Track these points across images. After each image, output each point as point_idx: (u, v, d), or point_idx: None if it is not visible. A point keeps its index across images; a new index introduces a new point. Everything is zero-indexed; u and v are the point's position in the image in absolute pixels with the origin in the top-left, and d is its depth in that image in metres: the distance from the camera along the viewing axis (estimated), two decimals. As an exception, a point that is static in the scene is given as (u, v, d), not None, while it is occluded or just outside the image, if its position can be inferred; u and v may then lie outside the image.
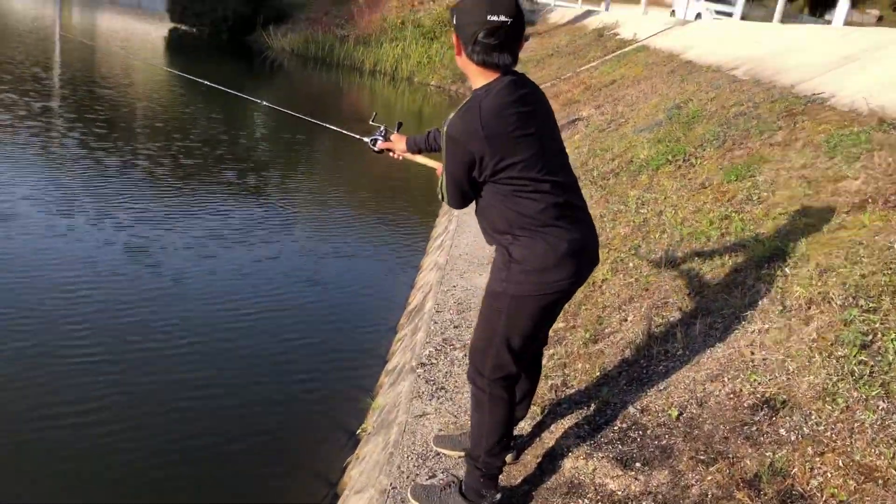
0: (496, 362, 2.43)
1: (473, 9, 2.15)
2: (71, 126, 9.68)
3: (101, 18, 29.61)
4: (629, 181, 5.86)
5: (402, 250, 7.22)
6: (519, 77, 2.29)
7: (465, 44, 2.19)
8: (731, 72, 8.12)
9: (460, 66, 2.31)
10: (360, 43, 24.21)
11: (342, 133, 3.55)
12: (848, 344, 2.55)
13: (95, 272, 5.60)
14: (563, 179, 2.35)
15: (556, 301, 2.42)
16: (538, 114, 2.30)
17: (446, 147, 2.24)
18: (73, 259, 5.77)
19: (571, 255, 2.33)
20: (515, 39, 2.19)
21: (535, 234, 2.29)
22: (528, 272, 2.31)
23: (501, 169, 2.20)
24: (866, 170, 3.89)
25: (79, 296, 5.20)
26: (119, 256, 5.89)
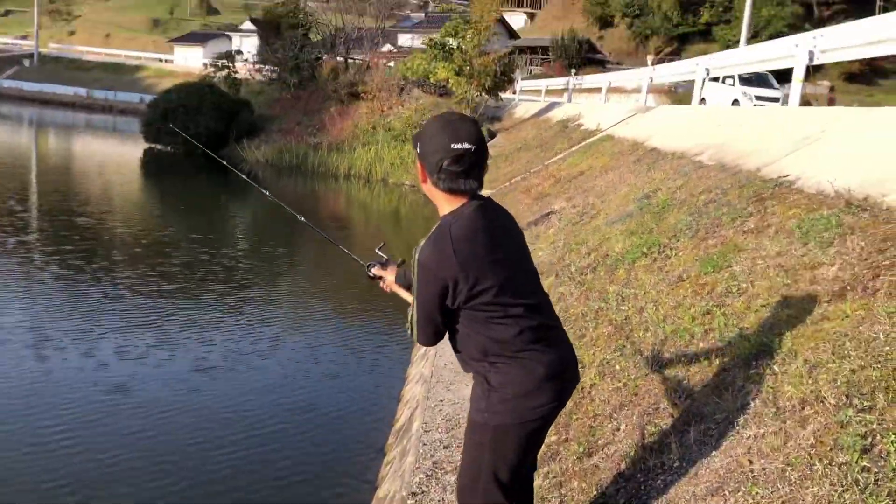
0: (486, 500, 2.33)
1: (436, 138, 2.17)
2: (48, 259, 9.62)
3: (77, 143, 30.04)
4: (607, 276, 5.85)
5: (387, 361, 7.11)
6: (486, 201, 2.31)
7: (431, 172, 2.20)
8: (695, 157, 8.28)
9: (426, 192, 2.32)
10: (333, 149, 24.69)
11: (345, 252, 3.52)
12: (848, 449, 2.46)
13: (76, 409, 5.44)
14: (536, 301, 2.33)
15: (540, 427, 2.36)
16: (508, 237, 2.31)
17: (418, 275, 2.21)
18: (54, 398, 5.61)
19: (551, 378, 2.28)
20: (480, 165, 2.21)
21: (512, 359, 2.25)
22: (507, 400, 2.25)
23: (475, 295, 2.17)
24: (841, 255, 3.89)
25: (58, 437, 5.02)
26: (99, 391, 5.74)
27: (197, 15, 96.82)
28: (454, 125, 2.19)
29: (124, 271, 9.37)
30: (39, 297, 7.98)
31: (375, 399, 6.10)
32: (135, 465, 4.73)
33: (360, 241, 14.41)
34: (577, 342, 4.92)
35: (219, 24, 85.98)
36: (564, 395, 2.37)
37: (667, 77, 17.29)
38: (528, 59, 59.94)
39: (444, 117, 2.26)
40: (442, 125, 2.21)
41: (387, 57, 34.92)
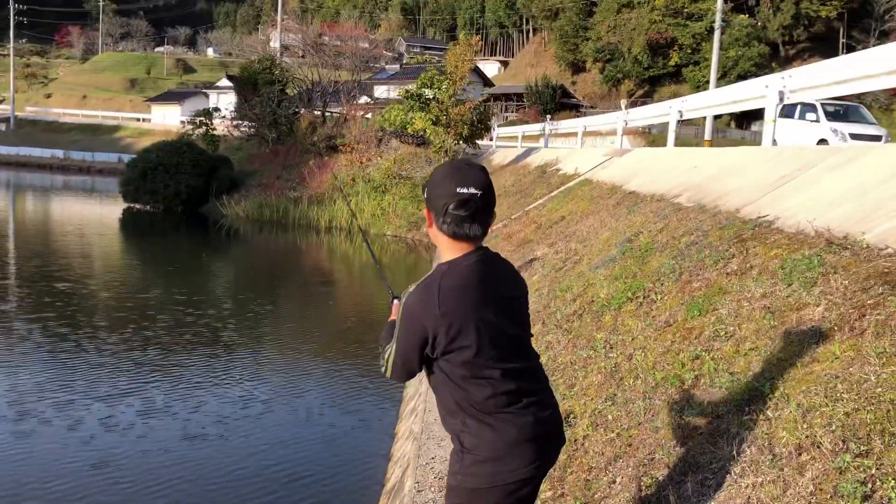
0: None
1: (443, 182, 2.17)
2: (29, 327, 9.46)
3: (55, 204, 29.88)
4: (594, 323, 5.83)
5: (375, 417, 7.01)
6: (488, 254, 2.28)
7: (437, 216, 2.18)
8: (674, 199, 8.35)
9: (431, 237, 2.30)
10: (313, 202, 24.75)
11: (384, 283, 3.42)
12: (848, 496, 2.43)
13: (60, 486, 5.29)
14: (517, 366, 2.27)
15: (520, 489, 2.26)
16: (501, 297, 2.25)
17: (402, 318, 2.19)
18: (39, 473, 5.47)
19: (525, 441, 2.22)
20: (486, 211, 2.19)
21: (482, 422, 2.21)
22: (480, 462, 2.20)
23: (452, 350, 2.14)
24: (825, 295, 3.91)
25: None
26: (84, 465, 5.59)
27: (173, 74, 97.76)
28: (461, 170, 2.18)
29: (108, 337, 9.22)
30: (20, 366, 7.82)
31: (365, 458, 5.99)
32: None
33: (344, 293, 14.34)
34: (567, 392, 4.88)
35: (195, 81, 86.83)
36: (545, 457, 2.31)
37: (640, 120, 17.56)
38: (504, 106, 60.89)
39: (453, 163, 2.27)
40: (450, 171, 2.21)
41: (364, 109, 35.29)
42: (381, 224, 23.25)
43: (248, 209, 25.39)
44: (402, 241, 21.85)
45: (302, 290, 14.30)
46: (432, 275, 2.22)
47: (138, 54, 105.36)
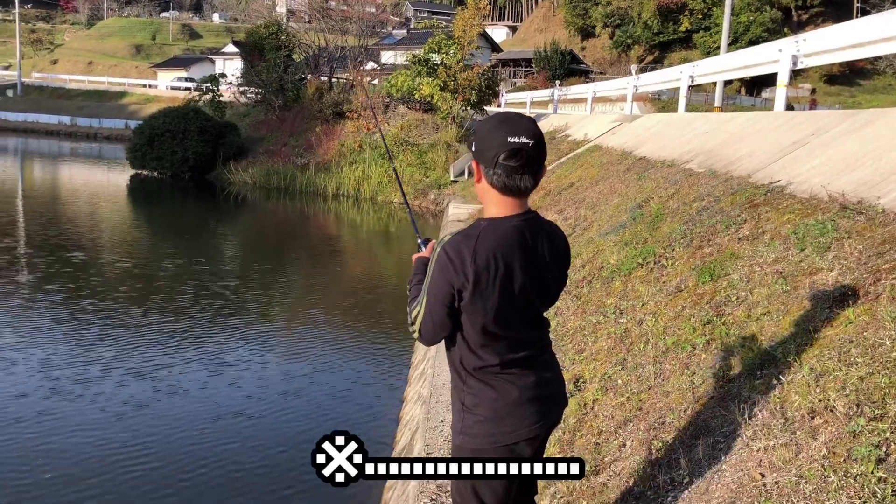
0: None
1: (494, 132, 2.07)
2: (39, 293, 9.49)
3: (63, 171, 29.87)
4: (603, 289, 5.81)
5: (384, 381, 7.04)
6: (534, 222, 2.20)
7: (486, 168, 2.10)
8: (685, 165, 8.27)
9: (479, 193, 2.21)
10: (320, 169, 24.67)
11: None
12: (862, 459, 2.42)
13: (76, 427, 5.38)
14: (530, 335, 2.25)
15: (522, 450, 2.26)
16: (536, 270, 2.17)
17: (436, 265, 2.11)
18: (55, 414, 5.56)
19: (527, 401, 2.22)
20: (537, 162, 2.10)
21: (484, 382, 2.19)
22: (481, 422, 2.20)
23: (470, 311, 2.11)
24: (839, 260, 3.87)
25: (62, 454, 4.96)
26: (98, 408, 5.65)
27: (179, 39, 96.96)
28: (512, 120, 2.09)
29: (118, 302, 9.26)
30: (33, 332, 7.86)
31: (374, 421, 6.03)
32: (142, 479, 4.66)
33: (352, 259, 14.35)
34: (576, 356, 4.88)
35: (201, 47, 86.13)
36: (547, 417, 2.29)
37: (651, 85, 17.37)
38: (512, 72, 60.27)
39: (502, 113, 2.17)
40: (500, 120, 2.11)
41: (371, 75, 34.98)
42: (387, 191, 23.19)
43: (255, 176, 25.34)
44: (410, 207, 21.81)
45: (310, 257, 14.31)
46: (472, 227, 2.13)
47: (143, 20, 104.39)
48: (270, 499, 4.69)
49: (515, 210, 2.14)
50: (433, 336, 2.21)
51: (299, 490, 4.86)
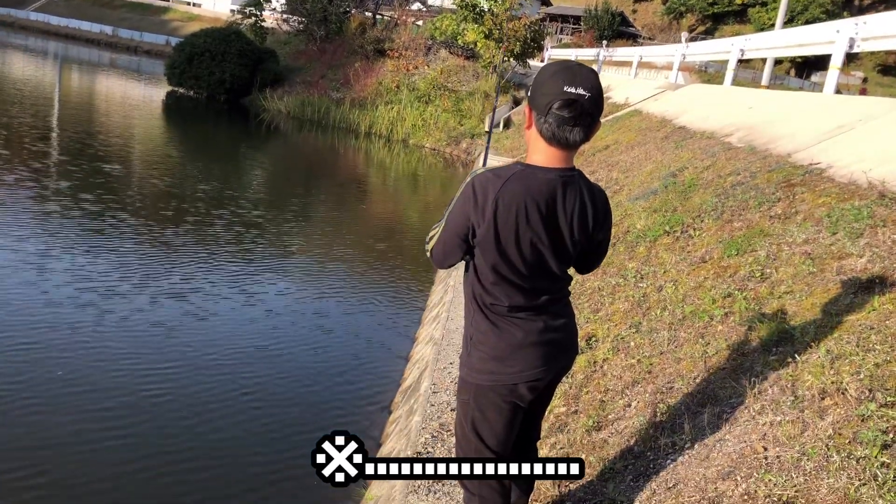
0: (477, 460, 2.32)
1: (551, 79, 2.00)
2: (66, 203, 9.60)
3: (100, 81, 29.96)
4: (626, 253, 5.78)
5: (397, 319, 7.09)
6: (573, 180, 2.12)
7: (538, 115, 2.03)
8: (725, 139, 8.13)
9: (527, 138, 2.15)
10: (355, 106, 24.52)
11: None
12: (868, 443, 2.41)
13: (92, 327, 5.52)
14: (544, 285, 2.21)
15: (524, 393, 2.26)
16: (551, 223, 2.10)
17: (461, 195, 2.10)
18: (64, 307, 5.69)
19: (531, 345, 2.21)
20: (591, 116, 2.03)
21: (490, 322, 2.21)
22: (484, 359, 2.22)
23: (485, 249, 2.09)
24: (871, 247, 3.80)
25: (78, 346, 5.08)
26: (109, 314, 5.76)
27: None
28: (572, 69, 2.01)
29: (148, 219, 9.34)
30: (67, 241, 7.97)
31: (384, 358, 6.10)
32: (152, 396, 4.76)
33: (378, 199, 14.37)
34: (591, 315, 4.88)
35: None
36: (552, 363, 2.27)
37: (699, 55, 16.97)
38: (559, 28, 59.15)
39: (564, 62, 2.08)
40: (559, 68, 2.03)
41: (416, 15, 34.48)
42: (420, 135, 23.04)
43: (289, 105, 25.26)
44: (440, 154, 21.68)
45: (337, 193, 14.33)
46: (507, 168, 2.08)
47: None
48: (271, 426, 4.78)
49: (559, 163, 2.08)
50: (442, 260, 2.23)
51: (312, 420, 4.95)
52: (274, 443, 4.54)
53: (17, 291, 6.09)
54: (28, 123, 14.78)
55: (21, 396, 4.60)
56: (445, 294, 6.62)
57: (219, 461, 4.26)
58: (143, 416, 4.57)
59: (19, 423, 4.32)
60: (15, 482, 3.82)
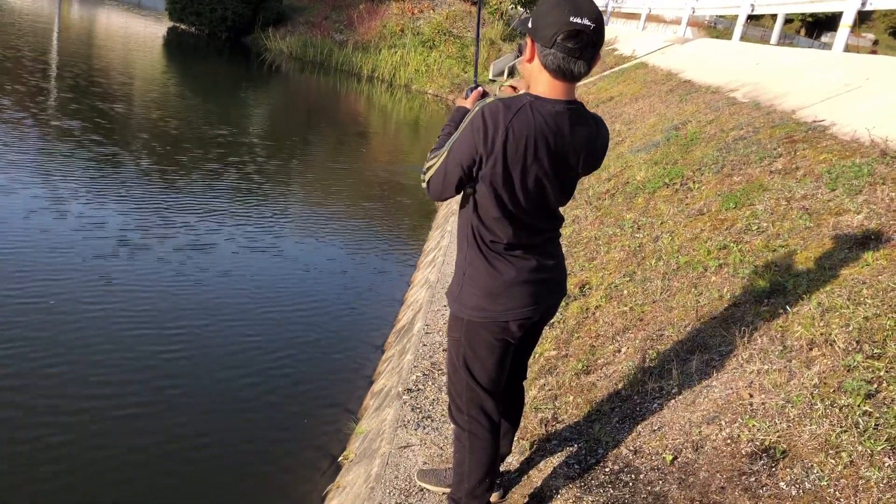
0: (468, 396, 2.37)
1: (556, 9, 1.93)
2: (63, 138, 9.51)
3: (100, 16, 29.41)
4: (625, 203, 5.77)
5: (393, 263, 7.11)
6: (577, 113, 2.08)
7: (542, 47, 1.97)
8: (730, 94, 8.05)
9: (527, 74, 2.09)
10: (358, 49, 24.16)
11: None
12: (852, 392, 2.45)
13: (76, 265, 5.53)
14: (541, 225, 2.22)
15: (514, 331, 2.28)
16: (560, 158, 2.08)
17: (469, 124, 2.02)
18: (59, 249, 5.70)
19: (523, 283, 2.22)
20: (595, 47, 1.98)
21: (485, 258, 2.21)
22: (477, 296, 2.22)
23: (489, 182, 2.06)
24: (868, 204, 3.80)
25: (58, 287, 5.10)
26: (97, 258, 5.76)
27: None
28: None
29: (140, 158, 9.26)
30: (72, 183, 7.92)
31: (379, 299, 6.13)
32: (151, 342, 4.80)
33: (378, 144, 14.27)
34: (586, 263, 4.90)
35: None
36: (542, 302, 2.28)
37: (709, 9, 16.67)
38: (568, -23, 57.87)
39: None
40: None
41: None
42: (423, 81, 22.75)
43: (291, 46, 24.86)
44: (443, 101, 21.45)
45: (337, 136, 14.21)
46: (516, 99, 2.03)
47: None
48: (264, 365, 4.83)
49: (563, 96, 2.04)
50: (440, 192, 2.16)
51: (307, 361, 5.00)
52: (269, 379, 4.59)
53: (23, 235, 6.07)
54: (28, 57, 14.55)
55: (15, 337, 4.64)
56: (442, 239, 6.63)
57: (218, 401, 4.31)
58: (138, 364, 4.60)
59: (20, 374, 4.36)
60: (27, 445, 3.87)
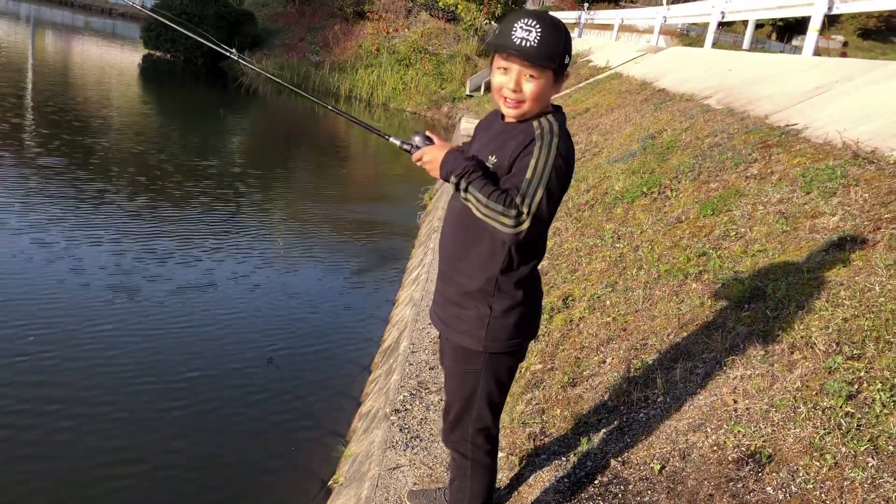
0: (479, 424, 2.30)
1: (566, 32, 2.01)
2: (40, 171, 9.46)
3: (75, 45, 29.33)
4: (604, 214, 5.81)
5: (378, 282, 7.11)
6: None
7: (566, 67, 2.03)
8: (704, 101, 8.14)
9: (547, 94, 2.02)
10: (335, 69, 24.24)
11: (373, 129, 2.61)
12: (833, 394, 2.47)
13: (55, 292, 5.50)
14: (545, 238, 2.26)
15: (525, 351, 2.36)
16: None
17: (555, 160, 1.94)
18: (45, 281, 5.67)
19: (541, 300, 2.31)
20: None
21: (519, 286, 2.16)
22: (513, 326, 2.17)
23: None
24: (843, 206, 3.85)
25: (45, 314, 5.06)
26: (78, 284, 5.72)
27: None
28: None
29: (121, 170, 9.24)
30: (33, 205, 7.88)
31: (364, 319, 6.12)
32: (137, 363, 4.76)
33: (359, 162, 14.29)
34: (569, 276, 4.92)
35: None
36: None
37: (680, 18, 16.89)
38: (541, -9, 58.38)
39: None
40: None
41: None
42: (401, 99, 22.85)
43: (268, 68, 24.90)
44: (421, 118, 21.53)
45: (317, 156, 14.23)
46: (561, 126, 2.02)
47: None
48: (252, 387, 4.81)
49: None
50: (545, 223, 2.01)
51: (294, 380, 4.98)
52: (256, 404, 4.57)
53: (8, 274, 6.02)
54: (4, 94, 14.46)
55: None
56: (426, 256, 6.64)
57: (205, 429, 4.28)
58: (127, 388, 4.57)
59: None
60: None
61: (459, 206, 2.09)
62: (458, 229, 2.17)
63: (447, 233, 2.25)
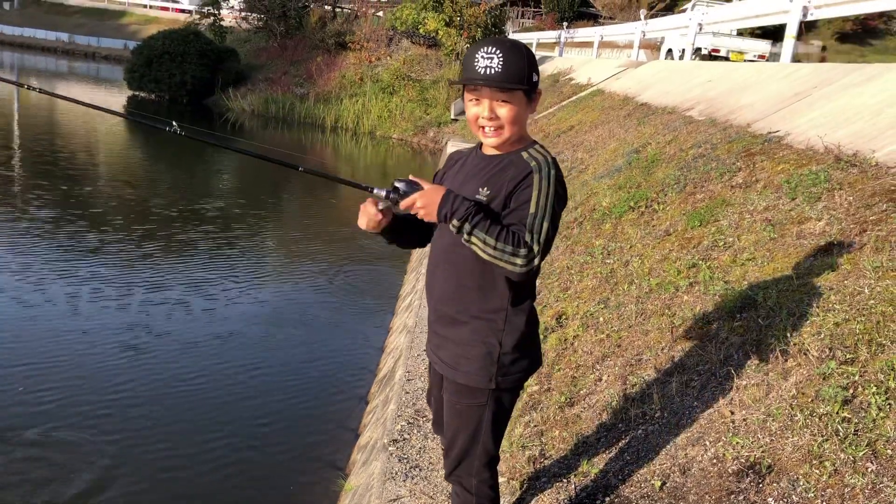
0: (485, 459, 2.25)
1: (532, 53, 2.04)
2: (31, 215, 9.45)
3: (59, 91, 29.40)
4: (593, 230, 5.82)
5: (371, 310, 7.10)
6: None
7: (536, 85, 2.05)
8: (686, 113, 8.20)
9: (523, 122, 2.04)
10: (319, 100, 24.37)
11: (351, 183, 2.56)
12: (829, 400, 2.46)
13: (58, 344, 5.45)
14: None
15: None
16: None
17: (555, 191, 1.94)
18: (41, 329, 5.63)
19: (538, 330, 2.26)
20: None
21: (524, 313, 2.12)
22: (517, 360, 2.12)
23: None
24: (828, 210, 3.87)
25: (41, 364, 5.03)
26: (73, 332, 5.69)
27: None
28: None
29: (109, 228, 9.23)
30: (25, 249, 7.86)
31: (359, 349, 6.10)
32: (132, 397, 4.73)
33: (348, 192, 14.27)
34: (561, 294, 4.91)
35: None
36: None
37: (658, 32, 17.09)
38: (520, 12, 59.01)
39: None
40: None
41: (375, 6, 34.28)
42: (387, 126, 22.96)
43: (253, 103, 25.02)
44: (408, 144, 21.62)
45: (305, 187, 14.26)
46: (545, 153, 2.03)
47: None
48: (251, 421, 4.77)
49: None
50: (546, 253, 1.98)
51: (290, 413, 4.95)
52: (254, 438, 4.53)
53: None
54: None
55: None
56: (418, 282, 6.63)
57: (202, 465, 4.24)
58: (115, 426, 4.53)
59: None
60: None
61: (448, 242, 2.07)
62: (448, 266, 2.13)
63: (436, 271, 2.20)
